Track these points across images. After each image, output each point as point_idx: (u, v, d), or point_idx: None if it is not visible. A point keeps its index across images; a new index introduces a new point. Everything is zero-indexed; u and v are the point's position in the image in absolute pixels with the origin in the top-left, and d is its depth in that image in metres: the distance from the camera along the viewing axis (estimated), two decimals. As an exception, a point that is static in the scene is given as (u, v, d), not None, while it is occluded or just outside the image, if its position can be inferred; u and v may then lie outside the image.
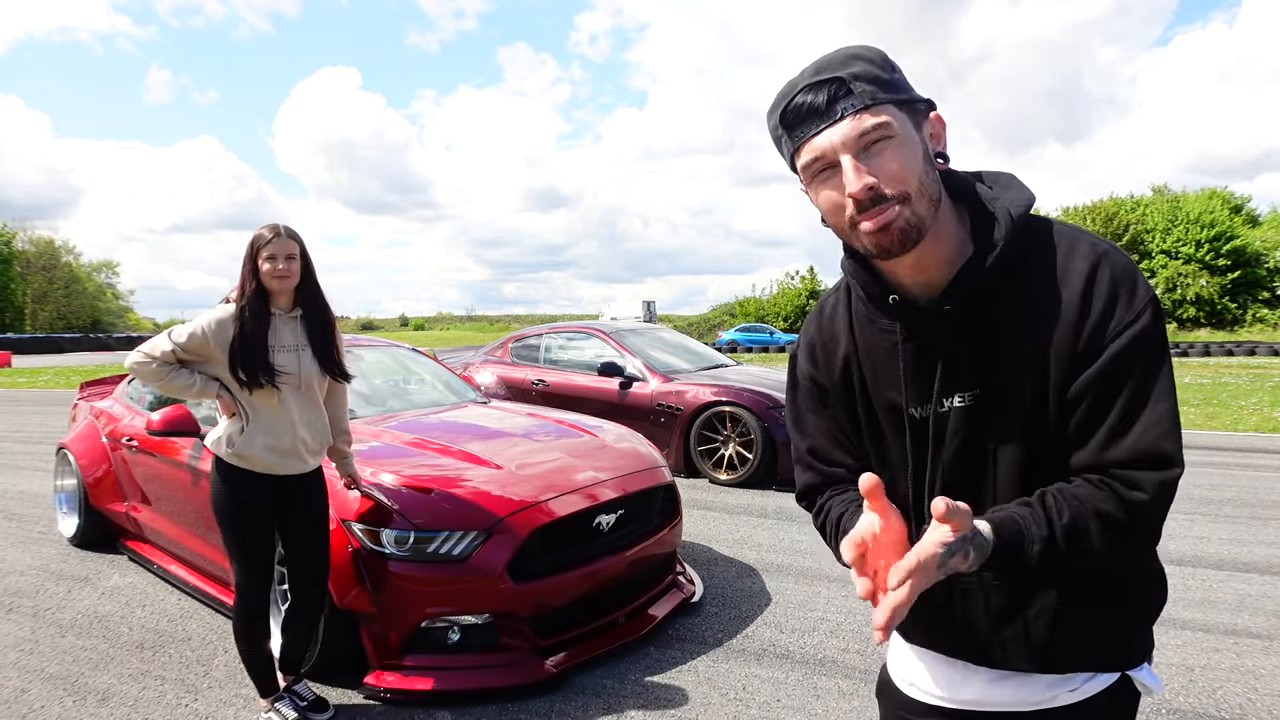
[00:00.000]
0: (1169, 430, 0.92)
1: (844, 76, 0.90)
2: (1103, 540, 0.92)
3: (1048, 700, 1.04)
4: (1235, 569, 4.05)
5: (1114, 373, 0.92)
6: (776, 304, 49.03)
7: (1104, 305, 0.92)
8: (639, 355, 7.05)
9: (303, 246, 2.48)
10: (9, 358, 29.65)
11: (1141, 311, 0.92)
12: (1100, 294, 0.92)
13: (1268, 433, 8.74)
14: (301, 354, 2.49)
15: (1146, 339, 0.92)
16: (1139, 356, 0.92)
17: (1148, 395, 0.92)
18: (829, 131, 0.91)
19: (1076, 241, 0.96)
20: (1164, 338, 0.94)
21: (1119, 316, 0.92)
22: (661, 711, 2.66)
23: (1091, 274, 0.93)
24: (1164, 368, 0.93)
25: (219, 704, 2.75)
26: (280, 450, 2.44)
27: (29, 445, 8.79)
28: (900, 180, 0.91)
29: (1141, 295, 0.92)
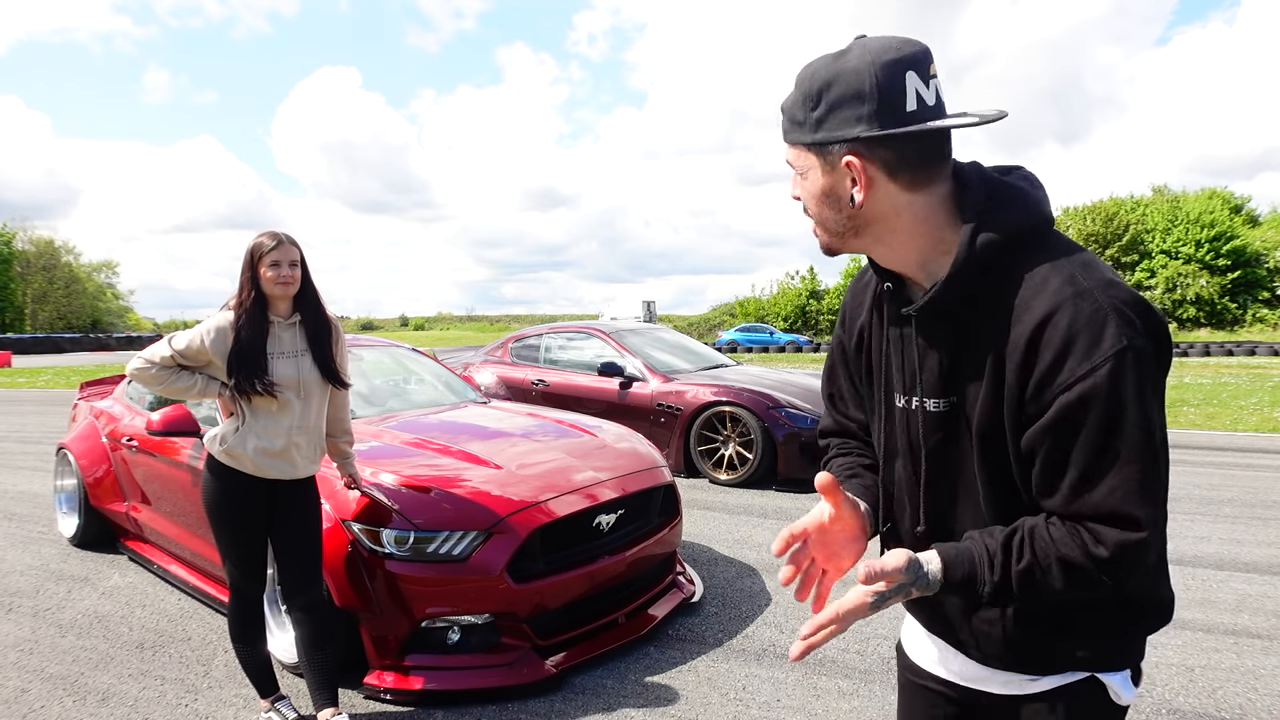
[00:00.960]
0: (1134, 494, 0.87)
1: (781, 105, 1.00)
2: (1065, 585, 0.91)
3: (1016, 686, 1.07)
4: (1235, 569, 4.05)
5: (1065, 428, 0.89)
6: (776, 304, 49.06)
7: (1054, 355, 0.88)
8: (639, 355, 7.05)
9: (302, 253, 2.49)
10: (9, 358, 29.65)
11: (1099, 365, 0.86)
12: (1051, 342, 0.89)
13: (1268, 433, 8.74)
14: (301, 360, 2.49)
15: (1101, 396, 0.86)
16: (1092, 414, 0.87)
17: (1113, 457, 0.87)
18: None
19: (1049, 279, 0.91)
20: (1133, 392, 0.86)
21: (1069, 369, 0.87)
22: (661, 711, 2.66)
23: (1046, 319, 0.89)
24: (1129, 425, 0.86)
25: (219, 704, 2.75)
26: (271, 454, 2.44)
27: (29, 445, 8.79)
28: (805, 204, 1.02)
29: (1106, 347, 0.86)
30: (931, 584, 0.94)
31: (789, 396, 6.25)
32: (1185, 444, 7.98)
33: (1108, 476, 0.88)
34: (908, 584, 0.93)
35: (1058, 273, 0.92)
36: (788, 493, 5.91)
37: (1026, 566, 0.91)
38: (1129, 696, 1.02)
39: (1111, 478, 0.88)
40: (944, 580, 0.94)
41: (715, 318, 54.07)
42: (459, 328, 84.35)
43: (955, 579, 0.94)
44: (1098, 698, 1.02)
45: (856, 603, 0.93)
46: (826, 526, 1.04)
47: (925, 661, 1.19)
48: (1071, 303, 0.88)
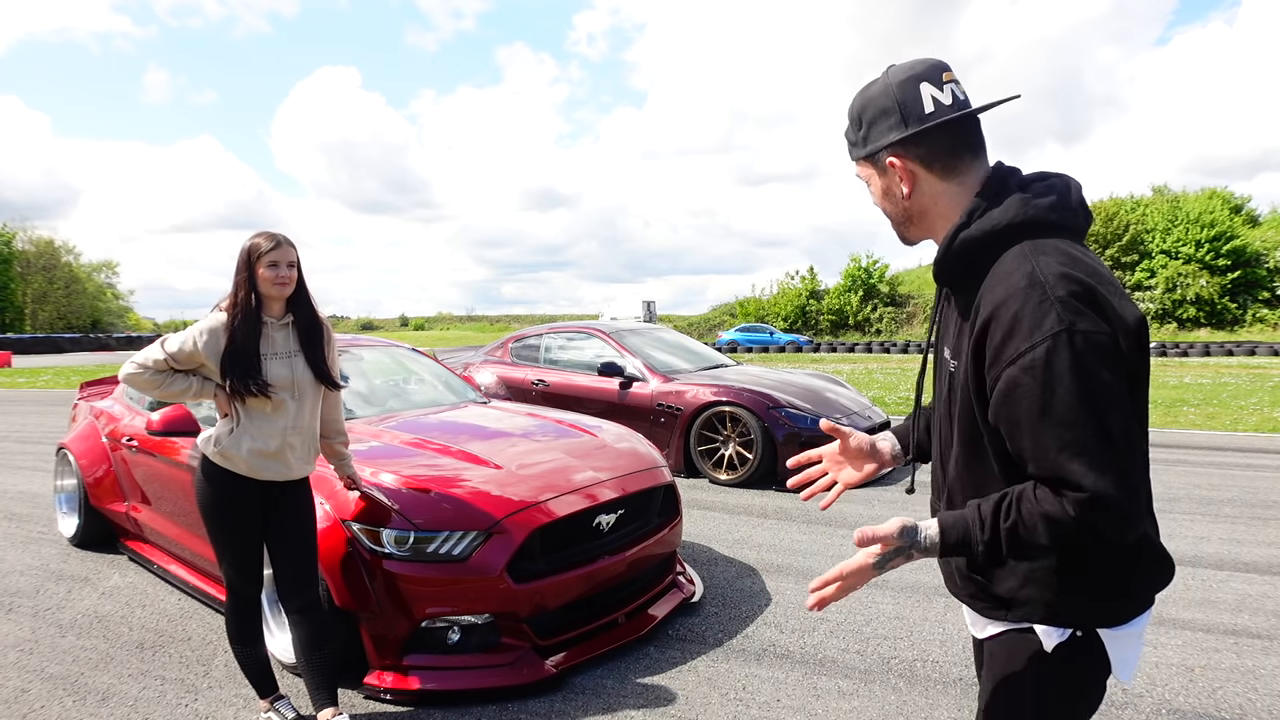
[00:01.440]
0: (1075, 454, 0.99)
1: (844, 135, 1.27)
2: (1050, 540, 1.04)
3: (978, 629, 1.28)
4: (1235, 569, 4.05)
5: (1010, 397, 1.04)
6: (776, 304, 49.01)
7: (1002, 335, 1.04)
8: (639, 355, 7.05)
9: (296, 253, 2.48)
10: (9, 358, 29.63)
11: (1038, 343, 1.00)
12: (1001, 324, 1.05)
13: (1268, 433, 8.74)
14: (295, 361, 2.48)
15: (1038, 368, 1.00)
16: (1031, 384, 1.01)
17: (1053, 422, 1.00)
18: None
19: (1012, 272, 1.07)
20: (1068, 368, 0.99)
21: (1014, 346, 1.03)
22: (661, 711, 2.66)
23: (1001, 304, 1.05)
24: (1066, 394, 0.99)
25: (219, 704, 2.75)
26: (265, 454, 2.43)
27: (29, 445, 8.79)
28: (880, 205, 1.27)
29: (1046, 328, 1.00)
30: (930, 547, 1.10)
31: (789, 396, 6.25)
32: (1185, 444, 7.98)
33: (1051, 440, 1.01)
34: (904, 547, 1.09)
35: (1022, 266, 1.07)
36: (788, 493, 5.90)
37: (1012, 525, 1.05)
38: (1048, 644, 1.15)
39: (1052, 440, 1.01)
40: (940, 543, 1.10)
41: (715, 318, 54.03)
42: (459, 328, 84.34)
43: (951, 541, 1.09)
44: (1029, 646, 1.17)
45: (858, 563, 1.10)
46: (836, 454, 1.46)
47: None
48: (1023, 292, 1.04)
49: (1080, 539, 1.03)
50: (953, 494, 1.24)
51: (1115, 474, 0.99)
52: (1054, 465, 1.01)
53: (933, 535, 1.09)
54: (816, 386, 6.85)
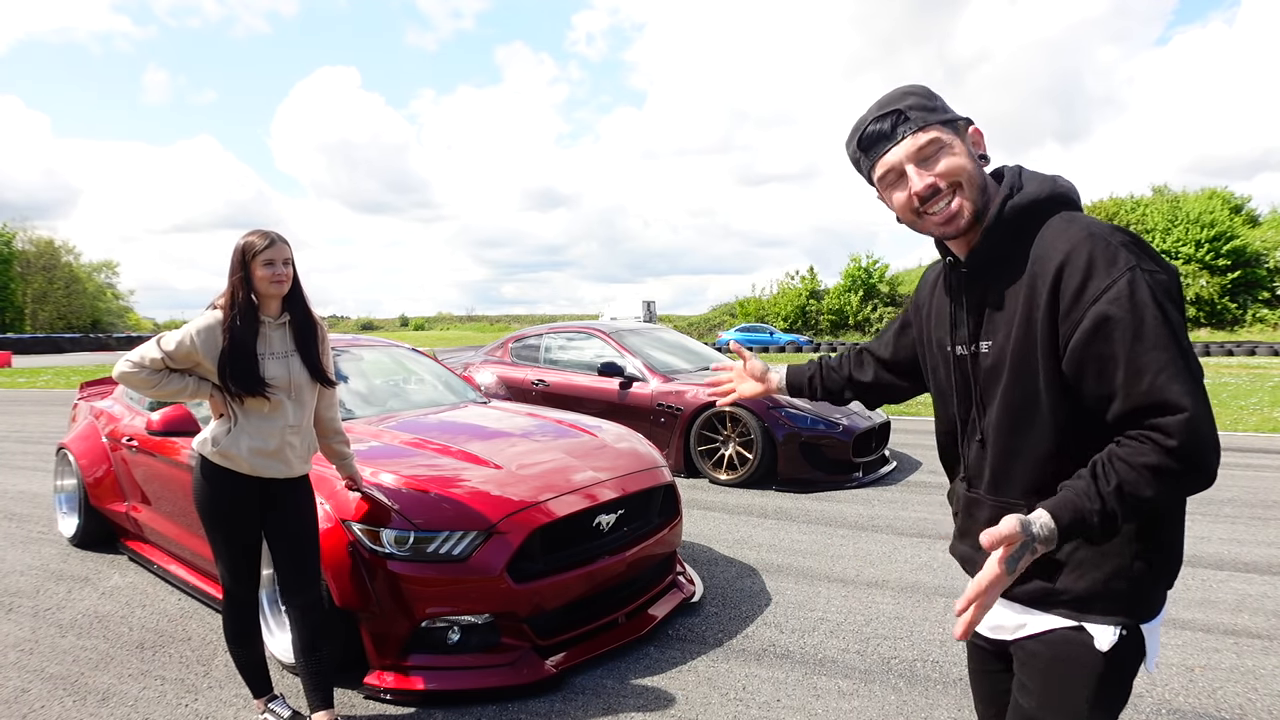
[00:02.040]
0: (1174, 377, 1.03)
1: (901, 109, 1.22)
2: (1157, 489, 1.05)
3: (1018, 630, 1.26)
4: (1235, 569, 4.05)
5: (1101, 331, 1.07)
6: (776, 304, 49.00)
7: (1080, 278, 1.09)
8: (639, 355, 7.05)
9: (291, 252, 2.46)
10: (9, 358, 29.63)
11: (1118, 278, 1.07)
12: (1075, 268, 1.10)
13: (1268, 433, 8.74)
14: (291, 360, 2.47)
15: (1125, 297, 1.06)
16: (1121, 315, 1.06)
17: (1142, 346, 1.04)
18: (894, 149, 1.22)
19: (1066, 228, 1.15)
20: (1149, 298, 1.06)
21: (1095, 285, 1.08)
22: (662, 711, 2.66)
23: (1069, 253, 1.11)
24: (1154, 320, 1.05)
25: (219, 704, 2.75)
26: (265, 453, 2.42)
27: (29, 445, 8.79)
28: (953, 175, 1.20)
29: (1121, 265, 1.07)
30: (1048, 536, 1.07)
31: (789, 396, 6.24)
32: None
33: (1148, 364, 1.04)
34: (1028, 541, 1.06)
35: (1074, 224, 1.15)
36: (788, 493, 5.91)
37: (1117, 484, 1.05)
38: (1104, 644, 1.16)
39: (1151, 365, 1.04)
40: (1056, 527, 1.07)
41: (715, 318, 54.02)
42: (459, 328, 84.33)
43: (1065, 522, 1.07)
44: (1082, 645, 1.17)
45: (992, 574, 1.06)
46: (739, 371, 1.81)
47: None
48: (1087, 240, 1.11)
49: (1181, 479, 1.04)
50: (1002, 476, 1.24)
51: (1205, 399, 1.04)
52: (1152, 390, 1.04)
53: (1046, 522, 1.07)
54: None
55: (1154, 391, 1.03)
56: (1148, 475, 1.04)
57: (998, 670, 1.39)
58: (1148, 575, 1.17)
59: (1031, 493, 1.19)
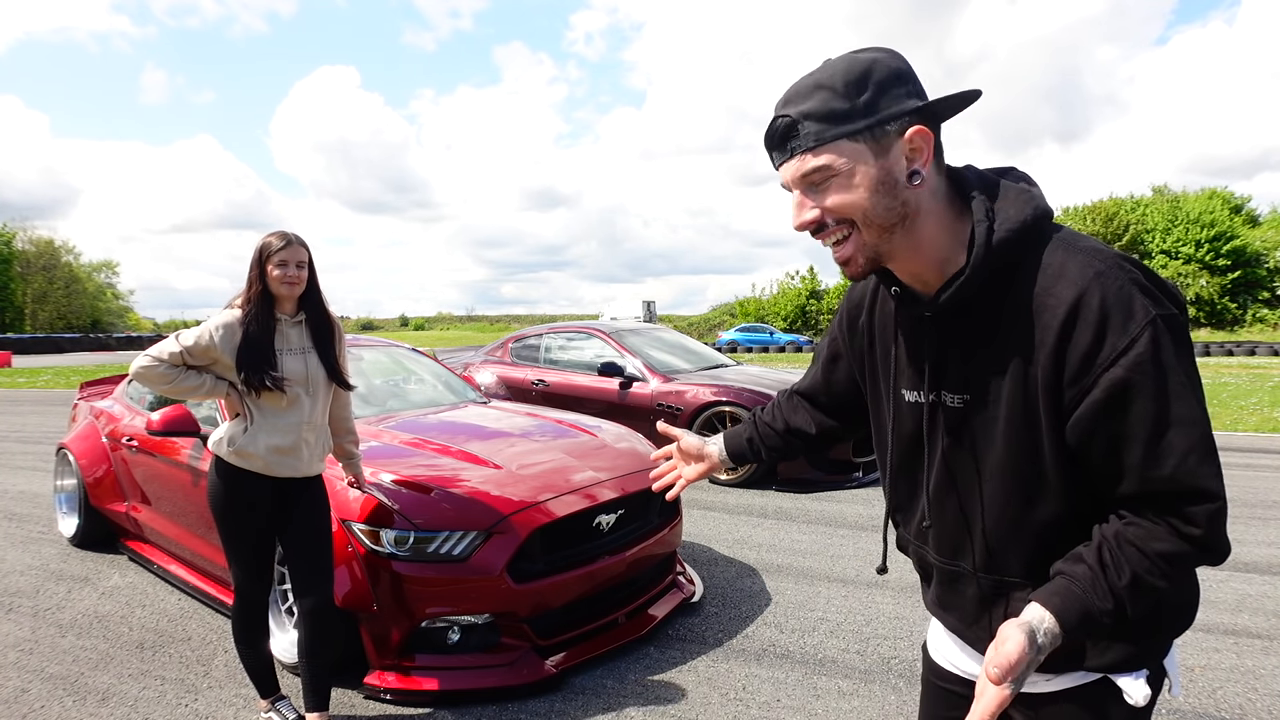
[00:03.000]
0: (1203, 459, 0.88)
1: (794, 116, 0.95)
2: (1169, 578, 0.92)
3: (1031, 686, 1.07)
4: (1235, 569, 4.05)
5: (1117, 403, 0.89)
6: (776, 304, 49.03)
7: (1092, 335, 0.89)
8: (639, 355, 7.05)
9: (310, 254, 2.51)
10: (9, 358, 29.62)
11: (1137, 336, 0.87)
12: (1087, 323, 0.89)
13: (1268, 433, 8.74)
14: (308, 357, 2.52)
15: (1146, 363, 0.87)
16: (1143, 383, 0.88)
17: (1168, 422, 0.88)
18: (784, 166, 0.99)
19: (1066, 265, 0.93)
20: (1174, 357, 0.88)
21: (1110, 344, 0.88)
22: (661, 711, 2.66)
23: (1076, 302, 0.90)
24: (1179, 388, 0.88)
25: (219, 704, 2.75)
26: (282, 450, 2.45)
27: (29, 445, 8.78)
28: (840, 213, 0.97)
29: (1138, 319, 0.88)
30: (1053, 642, 0.93)
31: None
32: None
33: (1173, 445, 0.88)
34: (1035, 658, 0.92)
35: (1073, 259, 0.93)
36: (788, 493, 5.91)
37: (1131, 578, 0.91)
38: (1142, 699, 1.02)
39: (1178, 446, 0.88)
40: (1062, 632, 0.93)
41: (715, 318, 54.05)
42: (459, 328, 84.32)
43: (1072, 625, 0.93)
44: (1111, 699, 1.03)
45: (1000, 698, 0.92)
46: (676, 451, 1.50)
47: (947, 662, 1.22)
48: (1097, 283, 0.90)
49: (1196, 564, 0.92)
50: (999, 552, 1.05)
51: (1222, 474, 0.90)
52: (1178, 475, 0.88)
53: (1050, 627, 0.92)
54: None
55: (1181, 477, 0.88)
56: (1163, 565, 0.91)
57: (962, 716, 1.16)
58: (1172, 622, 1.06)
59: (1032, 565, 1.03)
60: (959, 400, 1.03)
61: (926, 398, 1.07)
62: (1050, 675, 1.05)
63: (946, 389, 1.04)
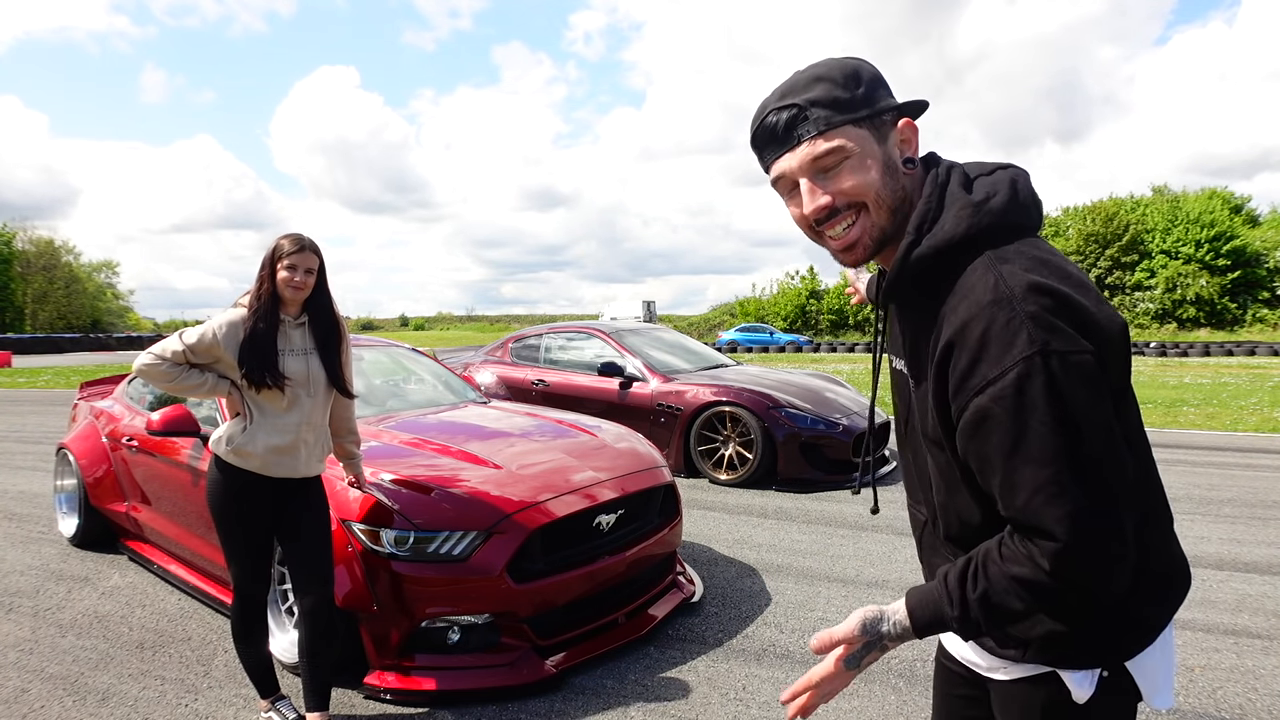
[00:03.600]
0: (1050, 500, 0.86)
1: (801, 103, 0.98)
2: (1027, 601, 0.91)
3: (990, 670, 1.12)
4: (1235, 569, 4.05)
5: (978, 430, 0.91)
6: (776, 304, 49.02)
7: (969, 359, 0.90)
8: (639, 355, 7.05)
9: (321, 260, 2.52)
10: (9, 358, 29.61)
11: (1008, 370, 0.87)
12: (968, 347, 0.91)
13: (1268, 433, 8.74)
14: (310, 359, 2.52)
15: (1008, 397, 0.87)
16: (1001, 416, 0.88)
17: (1021, 457, 0.88)
18: (788, 156, 1.01)
19: (975, 286, 0.93)
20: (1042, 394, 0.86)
21: (981, 373, 0.89)
22: (662, 712, 2.66)
23: (964, 326, 0.91)
24: (1041, 428, 0.86)
25: (219, 704, 2.75)
26: (280, 450, 2.45)
27: (29, 445, 8.78)
28: (855, 195, 1.00)
29: (1015, 354, 0.87)
30: (901, 634, 0.98)
31: (789, 396, 6.25)
32: (1185, 444, 7.98)
33: (1023, 481, 0.88)
34: (872, 642, 0.98)
35: (984, 281, 0.93)
36: (788, 493, 5.91)
37: (982, 594, 0.93)
38: (1079, 695, 1.01)
39: (1026, 482, 0.88)
40: (912, 627, 0.98)
41: (715, 318, 54.05)
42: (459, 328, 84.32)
43: (921, 624, 0.97)
44: (1056, 692, 1.03)
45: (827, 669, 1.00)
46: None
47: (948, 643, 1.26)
48: (988, 311, 0.90)
49: (1060, 596, 0.90)
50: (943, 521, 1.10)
51: (1098, 514, 0.86)
52: (1026, 510, 0.88)
53: (901, 620, 0.97)
54: (816, 386, 6.84)
55: (1027, 513, 0.88)
56: (1018, 588, 0.90)
57: (963, 695, 1.24)
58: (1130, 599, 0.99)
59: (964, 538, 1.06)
60: (909, 372, 1.08)
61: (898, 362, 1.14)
62: (1005, 663, 1.08)
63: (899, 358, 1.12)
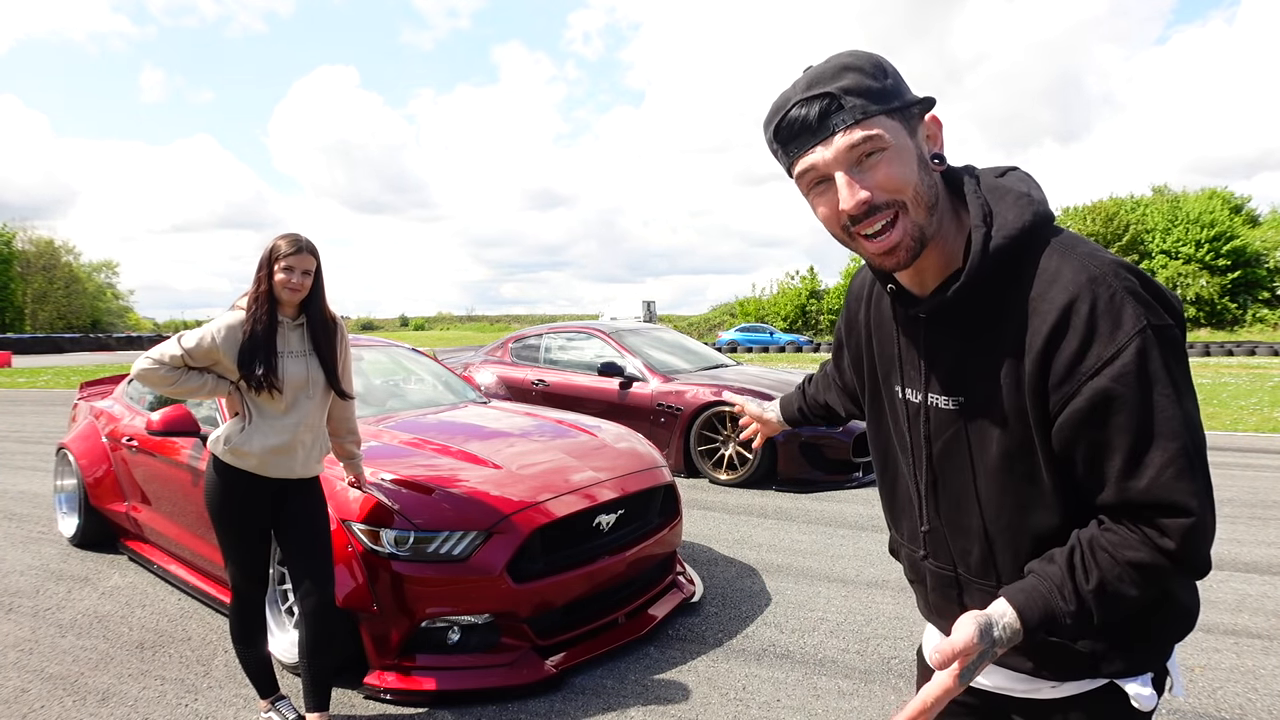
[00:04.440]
0: (1180, 474, 0.87)
1: (834, 91, 0.91)
2: (1141, 588, 0.90)
3: (1032, 691, 1.08)
4: (1235, 569, 4.05)
5: (1098, 413, 0.89)
6: (776, 304, 49.03)
7: (1079, 341, 0.89)
8: (639, 355, 7.05)
9: (319, 261, 2.51)
10: (9, 358, 29.61)
11: (1124, 346, 0.87)
12: (1075, 329, 0.89)
13: (1268, 433, 8.74)
14: (309, 360, 2.53)
15: (1131, 374, 0.86)
16: (1125, 395, 0.87)
17: (1150, 436, 0.87)
18: (821, 148, 0.93)
19: (1061, 269, 0.92)
20: (1160, 369, 0.87)
21: (1096, 353, 0.88)
22: (661, 711, 2.66)
23: (1067, 307, 0.90)
24: (1163, 401, 0.87)
25: (219, 704, 2.75)
26: (277, 451, 2.45)
27: (29, 445, 8.78)
28: (894, 190, 0.93)
29: (1127, 328, 0.87)
30: (1011, 636, 0.91)
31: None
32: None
33: (1152, 458, 0.87)
34: (986, 651, 0.90)
35: (1068, 263, 0.92)
36: (788, 493, 5.91)
37: (1098, 584, 0.90)
38: (1149, 703, 1.01)
39: (1156, 459, 0.87)
40: (1023, 629, 0.92)
41: (715, 318, 54.05)
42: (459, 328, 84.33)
43: (1033, 623, 0.92)
44: (1117, 704, 1.02)
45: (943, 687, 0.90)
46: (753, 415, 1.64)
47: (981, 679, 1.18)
48: (1089, 289, 0.89)
49: (1171, 579, 0.91)
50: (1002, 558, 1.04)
51: (1212, 495, 0.88)
52: (1153, 488, 0.87)
53: (1010, 622, 0.91)
54: (816, 386, 6.84)
55: (1157, 491, 0.87)
56: (1133, 574, 0.90)
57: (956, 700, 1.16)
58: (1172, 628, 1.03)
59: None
60: (952, 403, 1.02)
61: (915, 396, 1.08)
62: (1056, 682, 1.04)
63: (935, 391, 1.04)
